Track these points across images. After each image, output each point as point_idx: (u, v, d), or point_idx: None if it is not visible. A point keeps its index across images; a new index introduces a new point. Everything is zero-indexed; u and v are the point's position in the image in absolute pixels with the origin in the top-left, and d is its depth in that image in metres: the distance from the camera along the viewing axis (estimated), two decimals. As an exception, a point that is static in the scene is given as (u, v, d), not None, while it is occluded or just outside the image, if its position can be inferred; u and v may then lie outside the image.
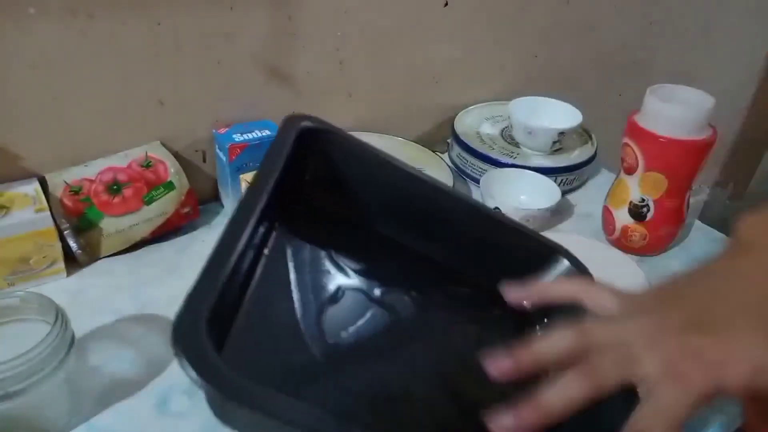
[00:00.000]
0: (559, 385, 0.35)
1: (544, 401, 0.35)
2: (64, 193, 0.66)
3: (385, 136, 0.88)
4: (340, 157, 0.50)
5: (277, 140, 0.46)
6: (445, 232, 0.52)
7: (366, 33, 0.83)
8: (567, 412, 0.34)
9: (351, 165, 0.50)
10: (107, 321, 0.60)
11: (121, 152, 0.71)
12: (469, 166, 0.88)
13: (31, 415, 0.47)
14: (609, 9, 1.06)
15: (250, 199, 0.41)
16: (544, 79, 1.04)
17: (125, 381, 0.54)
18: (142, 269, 0.68)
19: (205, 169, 0.79)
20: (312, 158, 0.49)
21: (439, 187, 0.52)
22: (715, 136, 0.68)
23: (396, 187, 0.51)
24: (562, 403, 0.34)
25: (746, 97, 1.46)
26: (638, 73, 1.18)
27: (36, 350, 0.44)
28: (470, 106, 0.97)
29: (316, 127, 0.49)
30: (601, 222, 0.79)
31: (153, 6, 0.66)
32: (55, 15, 0.61)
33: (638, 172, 0.71)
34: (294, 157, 0.46)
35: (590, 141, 0.93)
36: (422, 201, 0.51)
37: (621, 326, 0.37)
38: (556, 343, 0.38)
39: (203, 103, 0.75)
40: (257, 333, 0.42)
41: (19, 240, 0.60)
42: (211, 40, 0.71)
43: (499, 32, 0.96)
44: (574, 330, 0.38)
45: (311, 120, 0.49)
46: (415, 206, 0.51)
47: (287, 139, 0.46)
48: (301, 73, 0.80)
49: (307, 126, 0.48)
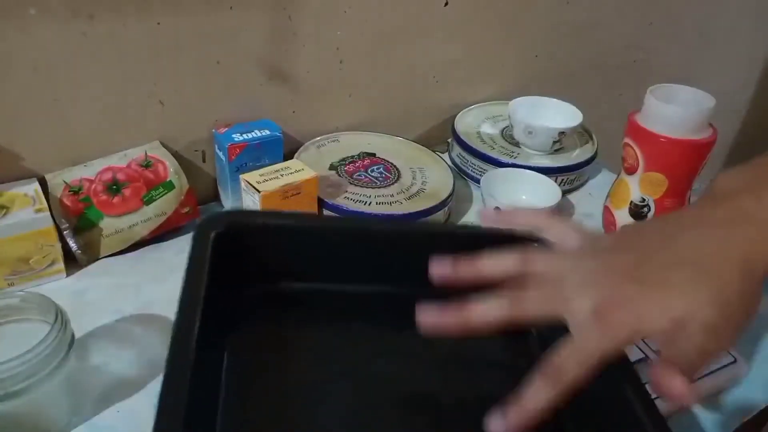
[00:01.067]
0: (483, 301, 0.37)
1: (466, 310, 0.37)
2: (63, 193, 0.66)
3: (385, 136, 0.88)
4: (266, 241, 0.48)
5: (194, 252, 0.44)
6: (409, 262, 0.49)
7: (366, 33, 0.83)
8: (484, 328, 0.36)
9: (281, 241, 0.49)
10: (107, 321, 0.60)
11: (121, 152, 0.71)
12: (470, 166, 0.88)
13: (31, 415, 0.47)
14: (609, 9, 1.06)
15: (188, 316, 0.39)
16: (544, 79, 1.04)
17: (125, 381, 0.54)
18: (142, 269, 0.68)
19: (204, 168, 0.79)
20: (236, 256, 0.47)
21: (386, 224, 0.51)
22: (715, 136, 0.68)
23: (337, 236, 0.50)
24: (480, 319, 0.37)
25: (746, 97, 1.46)
26: (638, 73, 1.18)
27: (36, 350, 0.44)
28: (470, 106, 0.97)
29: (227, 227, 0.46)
30: (602, 222, 0.79)
31: (153, 6, 0.66)
32: (56, 15, 0.61)
33: (639, 172, 0.71)
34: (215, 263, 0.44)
35: (591, 141, 0.93)
36: (377, 240, 0.50)
37: (564, 263, 0.38)
38: (497, 262, 0.39)
39: (203, 103, 0.75)
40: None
41: (19, 240, 0.60)
42: (211, 40, 0.71)
43: (499, 32, 0.96)
44: (518, 255, 0.39)
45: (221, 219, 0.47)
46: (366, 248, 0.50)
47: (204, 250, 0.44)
48: (301, 73, 0.80)
49: (218, 232, 0.46)
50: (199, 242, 0.44)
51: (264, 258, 0.49)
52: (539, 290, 0.37)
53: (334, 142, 0.85)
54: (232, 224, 0.47)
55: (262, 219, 0.51)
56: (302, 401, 0.43)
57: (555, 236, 0.42)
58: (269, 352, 0.46)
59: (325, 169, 0.79)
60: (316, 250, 0.49)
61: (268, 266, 0.49)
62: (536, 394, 0.34)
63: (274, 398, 0.43)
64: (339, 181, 0.76)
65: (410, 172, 0.81)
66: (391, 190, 0.76)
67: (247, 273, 0.48)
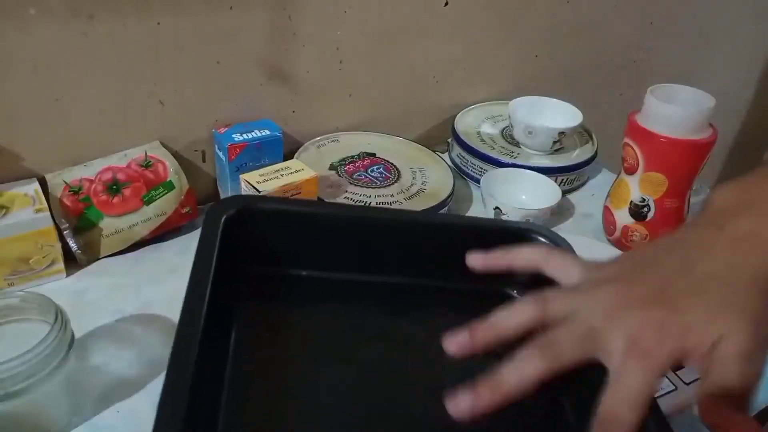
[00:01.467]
0: (515, 361, 0.34)
1: (500, 380, 0.34)
2: (63, 193, 0.66)
3: (385, 136, 0.88)
4: (275, 224, 0.50)
5: (204, 234, 0.45)
6: (411, 252, 0.50)
7: (366, 33, 0.83)
8: (524, 389, 0.34)
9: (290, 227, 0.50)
10: (107, 321, 0.60)
11: (121, 152, 0.71)
12: (470, 165, 0.88)
13: (31, 415, 0.47)
14: (609, 9, 1.06)
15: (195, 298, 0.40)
16: (544, 79, 1.03)
17: (125, 381, 0.54)
18: (142, 269, 0.67)
19: (204, 168, 0.79)
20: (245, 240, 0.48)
21: (394, 214, 0.51)
22: (715, 135, 0.68)
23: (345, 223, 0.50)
24: (519, 381, 0.34)
25: (746, 97, 1.45)
26: (638, 73, 1.18)
27: (36, 350, 0.44)
28: (470, 106, 0.97)
29: (238, 210, 0.48)
30: (602, 222, 0.79)
31: (153, 6, 0.66)
32: (56, 15, 0.61)
33: (639, 172, 0.71)
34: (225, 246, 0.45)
35: (591, 141, 0.93)
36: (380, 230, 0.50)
37: (582, 297, 0.36)
38: (514, 316, 0.37)
39: (203, 102, 0.75)
40: (250, 414, 0.41)
41: (19, 240, 0.60)
42: (211, 40, 0.71)
43: (499, 32, 0.96)
44: (533, 301, 0.37)
45: (233, 202, 0.49)
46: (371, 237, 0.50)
47: (214, 232, 0.46)
48: (301, 73, 0.80)
49: (230, 214, 0.48)
50: (209, 225, 0.46)
51: (271, 243, 0.50)
52: (568, 331, 0.34)
53: (334, 142, 0.85)
54: (243, 209, 0.48)
55: (272, 204, 0.52)
56: (304, 395, 0.43)
57: (555, 271, 0.40)
58: (271, 342, 0.47)
59: (325, 169, 0.79)
60: (320, 236, 0.50)
61: (274, 251, 0.50)
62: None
63: (275, 396, 0.43)
64: (339, 181, 0.76)
65: (410, 172, 0.81)
66: (391, 190, 0.76)
67: (254, 256, 0.49)
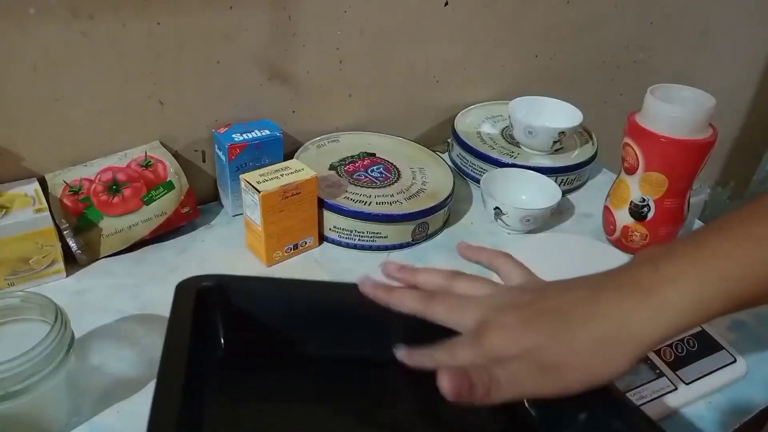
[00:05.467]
0: (407, 292, 0.45)
1: (391, 291, 0.46)
2: (63, 193, 0.66)
3: (385, 136, 0.88)
4: (246, 300, 0.50)
5: (175, 308, 0.46)
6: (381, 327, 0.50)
7: (366, 33, 0.83)
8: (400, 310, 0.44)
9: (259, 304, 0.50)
10: (107, 321, 0.60)
11: (121, 152, 0.71)
12: (470, 165, 0.88)
13: (31, 415, 0.47)
14: (609, 9, 1.06)
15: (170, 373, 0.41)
16: (544, 79, 1.04)
17: (125, 381, 0.54)
18: (142, 269, 0.68)
19: (204, 168, 0.79)
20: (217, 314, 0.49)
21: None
22: (715, 135, 0.68)
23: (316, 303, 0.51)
24: (398, 300, 0.45)
25: (746, 97, 1.46)
26: (638, 73, 1.18)
27: (36, 350, 0.44)
28: (470, 106, 0.97)
29: (210, 285, 0.49)
30: (602, 222, 0.79)
31: (153, 6, 0.66)
32: (56, 15, 0.61)
33: (639, 171, 0.71)
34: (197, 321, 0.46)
35: (591, 141, 0.93)
36: (346, 307, 0.49)
37: (483, 290, 0.44)
38: (431, 276, 0.46)
39: (203, 102, 0.75)
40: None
41: (19, 240, 0.60)
42: (211, 40, 0.71)
43: (499, 32, 0.96)
44: (449, 274, 0.46)
45: (204, 279, 0.49)
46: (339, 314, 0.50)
47: (186, 305, 0.46)
48: (301, 73, 0.80)
49: (204, 286, 0.48)
50: (181, 298, 0.48)
51: (238, 316, 0.50)
52: (450, 301, 0.43)
53: (334, 142, 0.85)
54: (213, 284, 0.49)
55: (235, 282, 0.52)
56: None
57: (503, 273, 0.47)
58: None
59: (325, 169, 0.79)
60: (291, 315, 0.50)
61: (243, 325, 0.50)
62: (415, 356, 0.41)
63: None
64: (339, 181, 0.76)
65: (410, 172, 0.81)
66: (391, 190, 0.76)
67: (224, 328, 0.50)
